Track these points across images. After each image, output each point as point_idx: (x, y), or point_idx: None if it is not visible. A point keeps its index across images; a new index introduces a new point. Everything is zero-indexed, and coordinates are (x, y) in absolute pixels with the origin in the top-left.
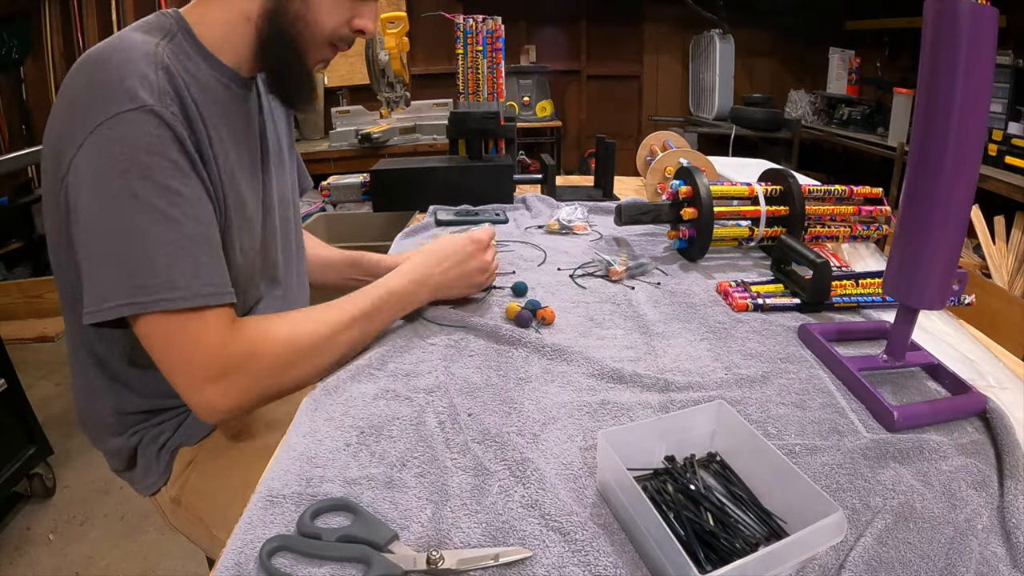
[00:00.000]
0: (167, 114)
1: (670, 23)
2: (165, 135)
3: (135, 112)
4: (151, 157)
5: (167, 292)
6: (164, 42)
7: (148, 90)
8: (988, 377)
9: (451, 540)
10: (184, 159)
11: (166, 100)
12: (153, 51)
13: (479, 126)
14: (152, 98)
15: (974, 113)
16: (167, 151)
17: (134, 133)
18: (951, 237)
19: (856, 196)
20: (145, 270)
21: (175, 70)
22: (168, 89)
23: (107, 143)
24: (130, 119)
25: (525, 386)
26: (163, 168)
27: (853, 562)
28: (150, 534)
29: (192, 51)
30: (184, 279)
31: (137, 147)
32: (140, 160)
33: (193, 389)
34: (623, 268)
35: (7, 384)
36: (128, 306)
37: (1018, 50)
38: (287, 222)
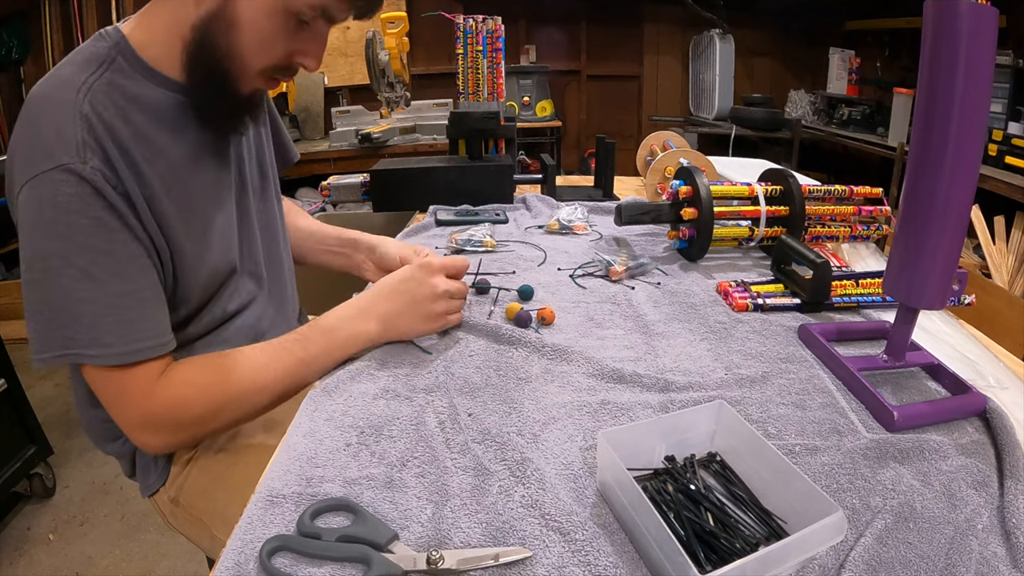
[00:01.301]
0: (86, 170)
1: (670, 23)
2: (84, 191)
3: (52, 172)
4: (70, 217)
5: (93, 349)
6: (96, 75)
7: (65, 147)
8: (988, 377)
9: (451, 540)
10: (108, 213)
11: (85, 154)
12: (74, 99)
13: (479, 126)
14: (69, 155)
15: (974, 113)
16: (88, 209)
17: (52, 194)
18: (951, 237)
19: (856, 196)
20: (72, 326)
21: (102, 111)
22: (88, 140)
23: (31, 204)
24: (48, 179)
25: (525, 386)
26: (83, 227)
27: (853, 562)
28: (150, 534)
29: (135, 72)
30: (108, 337)
31: (57, 208)
32: (61, 221)
33: (128, 432)
34: (623, 268)
35: (7, 384)
36: (61, 357)
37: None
38: (266, 212)
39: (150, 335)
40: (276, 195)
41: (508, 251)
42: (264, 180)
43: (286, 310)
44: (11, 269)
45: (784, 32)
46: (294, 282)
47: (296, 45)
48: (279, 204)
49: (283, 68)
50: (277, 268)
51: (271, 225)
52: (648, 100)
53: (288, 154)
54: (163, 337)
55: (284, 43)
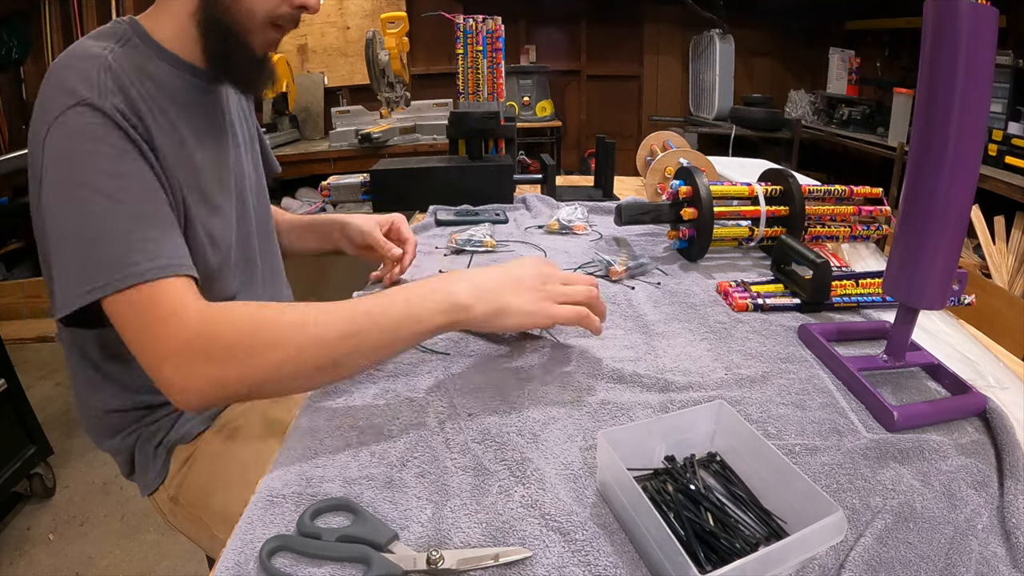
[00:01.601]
0: (106, 105)
1: (670, 23)
2: (106, 123)
3: (75, 107)
4: (96, 145)
5: (122, 270)
6: (115, 46)
7: (88, 86)
8: (988, 377)
9: (451, 540)
10: (129, 144)
11: (106, 94)
12: (99, 54)
13: (479, 126)
14: (91, 93)
15: (974, 113)
16: (109, 137)
17: (75, 126)
18: (951, 237)
19: (856, 196)
20: (98, 254)
21: (122, 70)
22: (111, 86)
23: (56, 141)
24: (72, 114)
25: (525, 386)
26: (106, 154)
27: (853, 562)
28: (150, 534)
29: (148, 51)
30: (135, 256)
31: (80, 138)
32: (86, 149)
33: (155, 366)
34: (623, 268)
35: (7, 384)
36: (90, 292)
37: (1018, 50)
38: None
39: (176, 253)
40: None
41: (508, 251)
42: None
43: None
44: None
45: (784, 32)
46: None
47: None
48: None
49: (286, 14)
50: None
51: (266, 224)
52: (648, 100)
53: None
54: (188, 260)
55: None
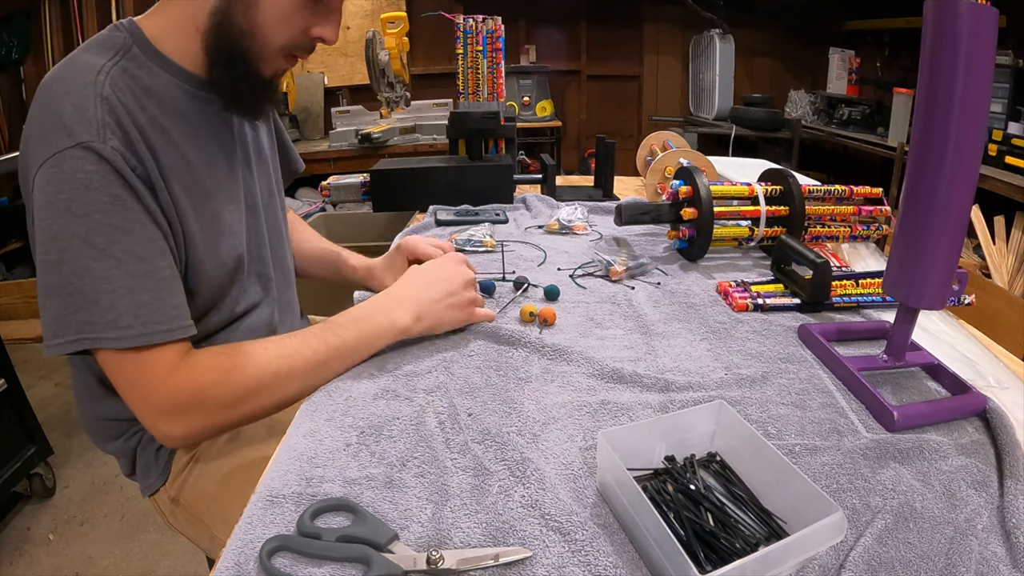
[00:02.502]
0: (106, 149)
1: (670, 23)
2: (104, 170)
3: (72, 150)
4: (90, 194)
5: (111, 331)
6: (113, 62)
7: (85, 125)
8: (988, 377)
9: (451, 540)
10: (127, 192)
11: (105, 134)
12: (94, 80)
13: (479, 126)
14: (89, 133)
15: (974, 113)
16: (107, 187)
17: (72, 171)
18: (951, 237)
19: (856, 196)
20: (88, 309)
21: (120, 95)
22: (108, 121)
23: (49, 183)
24: (68, 157)
25: (525, 386)
26: (102, 206)
27: (853, 562)
28: (150, 534)
29: (150, 62)
30: (125, 319)
31: (76, 185)
32: (79, 198)
33: (147, 420)
34: (623, 268)
35: (7, 384)
36: (77, 342)
37: (1018, 50)
38: (273, 216)
39: (168, 317)
40: (281, 202)
41: (508, 251)
42: (271, 185)
43: (293, 313)
44: (11, 269)
45: (784, 32)
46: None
47: (313, 19)
48: (283, 209)
49: (302, 44)
50: (284, 271)
51: (278, 229)
52: (648, 100)
53: (293, 164)
54: (182, 320)
55: (301, 18)
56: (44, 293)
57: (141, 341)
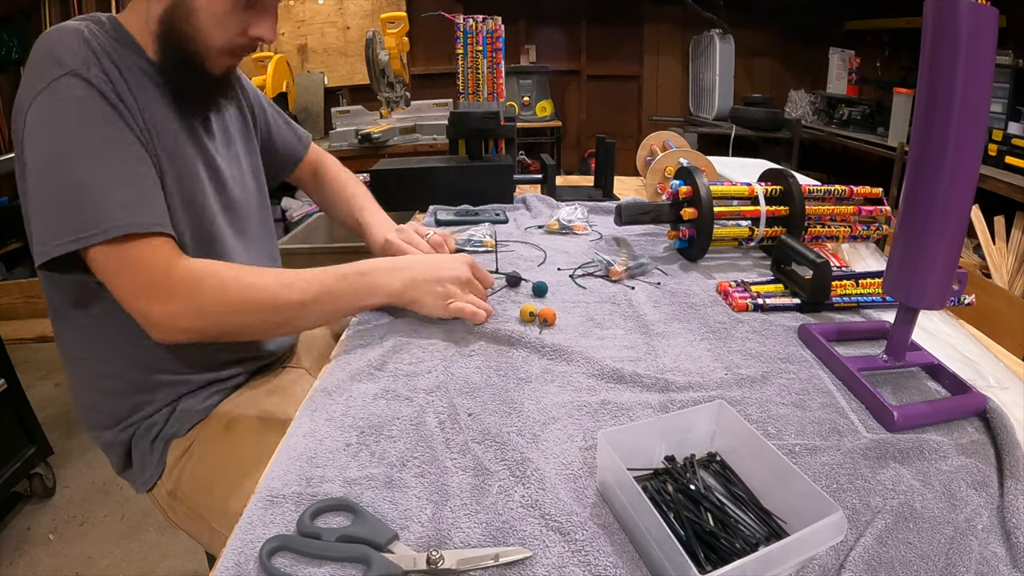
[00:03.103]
0: (92, 75)
1: (670, 23)
2: (92, 94)
3: (63, 77)
4: (81, 112)
5: (104, 224)
6: (93, 25)
7: (72, 57)
8: (988, 377)
9: (451, 540)
10: (113, 112)
11: (90, 65)
12: (78, 27)
13: (479, 126)
14: (76, 63)
15: (974, 113)
16: (95, 106)
17: (64, 93)
18: (951, 237)
19: (856, 196)
20: (81, 207)
21: (100, 46)
22: (91, 58)
23: (44, 107)
24: (60, 83)
25: (525, 386)
26: (92, 119)
27: (853, 562)
28: (150, 534)
29: (122, 42)
30: (116, 211)
31: (69, 107)
32: (71, 115)
33: (139, 310)
34: (623, 268)
35: (7, 384)
36: (70, 242)
37: (1018, 50)
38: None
39: (155, 214)
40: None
41: (508, 251)
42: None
43: None
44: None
45: (784, 32)
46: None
47: (248, 20)
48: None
49: (242, 44)
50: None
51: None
52: (648, 100)
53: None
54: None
55: (238, 20)
56: (37, 205)
57: (130, 229)
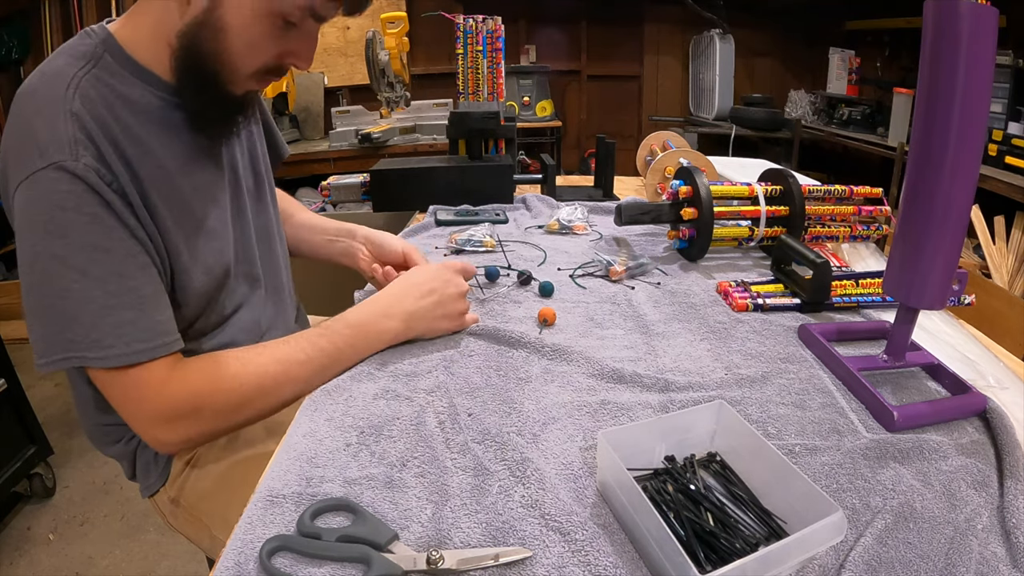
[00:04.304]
0: (79, 167)
1: (670, 23)
2: (78, 189)
3: (45, 171)
4: (66, 215)
5: (95, 351)
6: (84, 70)
7: (57, 145)
8: (988, 377)
9: (451, 540)
10: (104, 209)
11: (77, 151)
12: (63, 95)
13: (479, 126)
14: (61, 153)
15: (974, 113)
16: (83, 206)
17: (47, 193)
18: (951, 237)
19: (856, 196)
20: (72, 329)
21: (91, 109)
22: (80, 137)
23: (26, 204)
24: (42, 178)
25: (525, 386)
26: (80, 225)
27: (853, 562)
28: (150, 534)
29: (123, 70)
30: (108, 339)
31: (52, 206)
32: (56, 219)
33: (142, 430)
34: (623, 268)
35: (7, 384)
36: (64, 360)
37: (1018, 50)
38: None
39: (153, 334)
40: (271, 195)
41: (508, 251)
42: (258, 180)
43: (285, 310)
44: (11, 269)
45: (784, 32)
46: (291, 282)
47: (286, 46)
48: (274, 204)
49: (274, 69)
50: (274, 268)
51: (267, 225)
52: (648, 100)
53: (280, 149)
54: (167, 336)
55: (274, 45)
56: (29, 312)
57: (126, 360)
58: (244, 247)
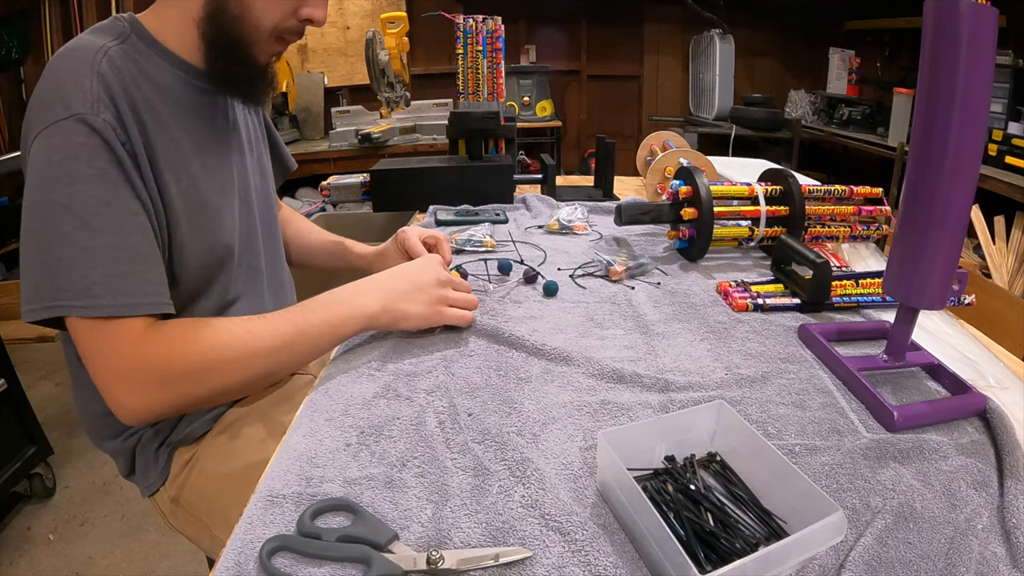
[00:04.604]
0: (98, 121)
1: (670, 23)
2: (93, 142)
3: (67, 121)
4: (77, 165)
5: (82, 299)
6: (114, 44)
7: (81, 98)
8: (988, 377)
9: (451, 540)
10: (114, 167)
11: (99, 107)
12: (93, 58)
13: (479, 126)
14: (84, 106)
15: (974, 113)
16: (94, 158)
17: (64, 142)
18: (951, 237)
19: (856, 196)
20: (64, 276)
21: (116, 74)
22: (103, 96)
23: (42, 151)
24: (62, 128)
25: (525, 386)
26: (88, 177)
27: (853, 562)
28: (150, 534)
29: (148, 50)
30: (97, 289)
31: (66, 155)
32: (67, 168)
33: (107, 389)
34: (623, 268)
35: (7, 384)
36: (49, 308)
37: (1018, 50)
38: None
39: (141, 292)
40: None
41: (508, 251)
42: (265, 182)
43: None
44: (11, 269)
45: (784, 32)
46: (291, 281)
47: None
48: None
49: (292, 27)
50: (278, 265)
51: (271, 223)
52: (648, 100)
53: (286, 163)
54: (155, 297)
55: None
56: (24, 260)
57: (110, 312)
58: (249, 239)
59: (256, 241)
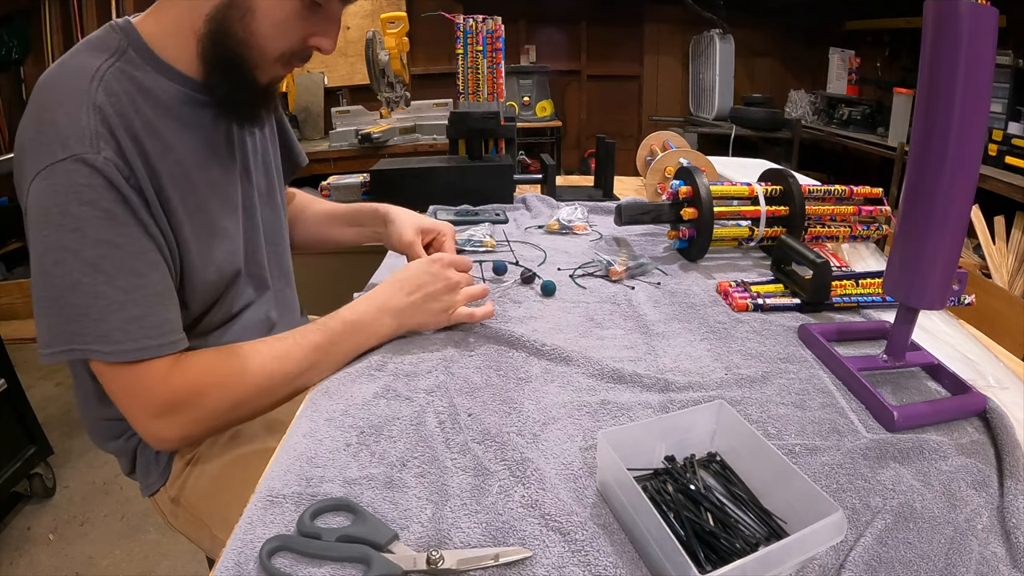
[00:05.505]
0: (99, 160)
1: (670, 23)
2: (96, 182)
3: (65, 162)
4: (82, 208)
5: (101, 345)
6: (109, 63)
7: (78, 136)
8: (988, 377)
9: (451, 540)
10: (120, 205)
11: (98, 144)
12: (87, 87)
13: (479, 126)
14: (82, 145)
15: (974, 113)
16: (100, 200)
17: (66, 185)
18: (951, 237)
19: (856, 196)
20: (79, 321)
21: (114, 103)
22: (101, 131)
23: (43, 194)
24: (61, 169)
25: (525, 386)
26: (94, 220)
27: (853, 562)
28: (150, 534)
29: (146, 64)
30: (116, 334)
31: (69, 199)
32: (71, 212)
33: (139, 424)
34: (623, 268)
35: (7, 384)
36: (68, 352)
37: (1018, 50)
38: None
39: (158, 332)
40: (281, 199)
41: (508, 251)
42: (270, 184)
43: (292, 311)
44: (11, 269)
45: (784, 32)
46: (294, 289)
47: (311, 28)
48: (284, 208)
49: (299, 53)
50: (282, 270)
51: (276, 228)
52: (648, 100)
53: (297, 158)
54: (173, 335)
55: (300, 26)
56: (37, 303)
57: (131, 356)
58: (252, 249)
59: (260, 252)
